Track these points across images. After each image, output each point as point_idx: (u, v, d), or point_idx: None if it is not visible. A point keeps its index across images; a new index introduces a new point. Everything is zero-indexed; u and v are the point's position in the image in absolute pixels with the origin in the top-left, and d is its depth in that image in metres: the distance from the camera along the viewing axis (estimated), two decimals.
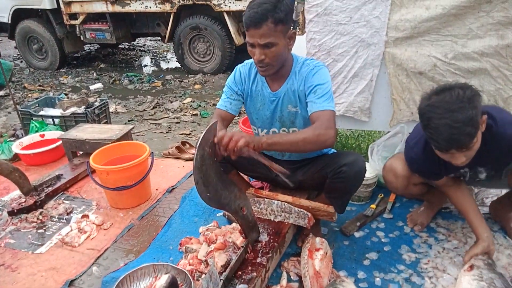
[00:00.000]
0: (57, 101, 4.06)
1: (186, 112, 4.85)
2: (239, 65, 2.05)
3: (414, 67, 2.35)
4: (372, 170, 2.47)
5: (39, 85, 6.53)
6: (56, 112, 3.85)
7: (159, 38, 7.96)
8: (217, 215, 2.47)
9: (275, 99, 1.95)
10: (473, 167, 1.84)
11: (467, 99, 1.50)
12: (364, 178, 2.24)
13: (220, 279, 1.63)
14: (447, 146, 1.55)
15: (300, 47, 2.60)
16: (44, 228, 2.48)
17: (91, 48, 9.17)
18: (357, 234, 2.22)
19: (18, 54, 8.41)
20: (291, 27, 1.80)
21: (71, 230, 2.43)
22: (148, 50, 9.37)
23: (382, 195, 2.49)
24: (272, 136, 1.71)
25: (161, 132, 4.19)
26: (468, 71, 2.27)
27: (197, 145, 1.41)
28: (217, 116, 1.98)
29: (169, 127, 4.34)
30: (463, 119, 1.48)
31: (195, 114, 4.77)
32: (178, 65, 7.07)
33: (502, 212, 2.16)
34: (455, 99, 1.50)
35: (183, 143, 3.56)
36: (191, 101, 5.24)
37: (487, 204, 2.31)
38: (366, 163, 2.37)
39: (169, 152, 3.46)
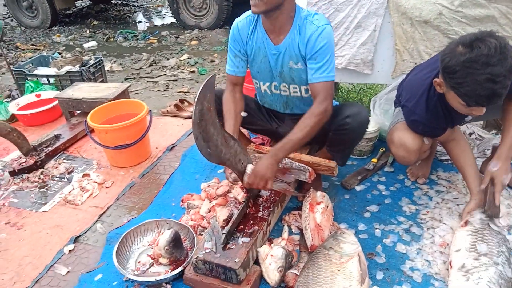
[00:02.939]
0: (51, 60, 3.96)
1: (183, 69, 4.75)
2: (237, 20, 1.97)
3: (419, 16, 2.25)
4: (374, 124, 2.43)
5: (32, 44, 6.34)
6: (51, 71, 3.75)
7: None
8: (218, 171, 2.47)
9: (276, 52, 1.89)
10: None
11: (505, 48, 1.40)
12: (366, 132, 2.22)
13: (223, 233, 1.65)
14: (487, 102, 1.48)
15: None
16: (46, 187, 2.49)
17: (83, 4, 8.84)
18: (358, 188, 2.23)
19: (7, 12, 8.10)
20: None
21: (73, 189, 2.45)
22: (141, 5, 9.04)
23: (384, 149, 2.48)
24: (283, 147, 1.75)
25: (159, 90, 4.11)
26: (475, 19, 2.18)
27: (195, 100, 1.37)
28: (229, 83, 2.02)
29: (166, 85, 4.25)
30: (504, 72, 1.41)
31: (193, 71, 4.67)
32: (174, 20, 6.84)
33: None
34: (493, 51, 1.40)
35: (181, 101, 3.50)
36: (188, 58, 5.11)
37: (488, 155, 2.30)
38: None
39: (167, 110, 3.41)
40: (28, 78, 3.67)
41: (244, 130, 2.43)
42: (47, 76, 3.69)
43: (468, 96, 1.50)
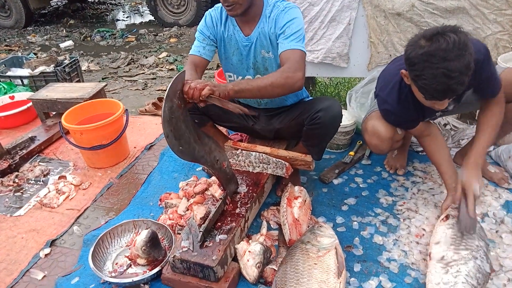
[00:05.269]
0: (24, 61, 3.87)
1: (162, 67, 4.70)
2: (210, 10, 1.96)
3: (392, 8, 2.28)
4: (350, 117, 2.45)
5: (6, 45, 6.20)
6: (25, 72, 3.67)
7: None
8: (197, 169, 2.46)
9: (248, 44, 1.88)
10: None
11: (464, 45, 1.40)
12: (343, 125, 2.23)
13: (200, 231, 1.63)
14: (442, 96, 1.49)
15: None
16: (21, 191, 2.43)
17: (59, 3, 8.67)
18: (335, 181, 2.25)
19: None
20: None
21: (49, 191, 2.40)
22: (119, 3, 8.91)
23: (361, 142, 2.50)
24: (239, 82, 1.66)
25: (137, 89, 4.06)
26: (446, 11, 2.21)
27: (165, 97, 1.36)
28: (190, 63, 1.90)
29: (145, 84, 4.21)
30: (460, 68, 1.40)
31: (172, 69, 4.63)
32: (152, 18, 6.77)
33: None
34: (451, 46, 1.39)
35: (160, 99, 3.47)
36: (167, 56, 5.07)
37: (463, 145, 2.34)
38: (345, 110, 2.36)
39: (145, 109, 3.37)
40: (1, 80, 3.58)
41: (222, 128, 2.42)
42: (21, 77, 3.61)
43: (424, 89, 1.51)
